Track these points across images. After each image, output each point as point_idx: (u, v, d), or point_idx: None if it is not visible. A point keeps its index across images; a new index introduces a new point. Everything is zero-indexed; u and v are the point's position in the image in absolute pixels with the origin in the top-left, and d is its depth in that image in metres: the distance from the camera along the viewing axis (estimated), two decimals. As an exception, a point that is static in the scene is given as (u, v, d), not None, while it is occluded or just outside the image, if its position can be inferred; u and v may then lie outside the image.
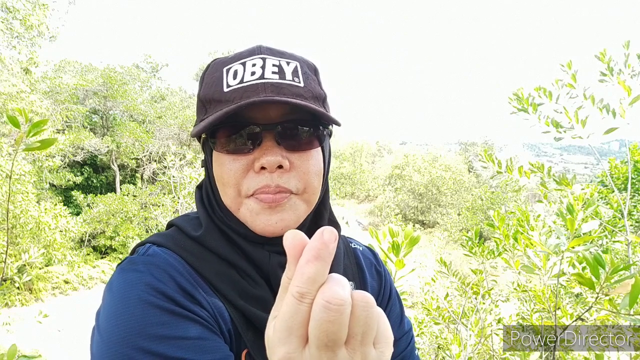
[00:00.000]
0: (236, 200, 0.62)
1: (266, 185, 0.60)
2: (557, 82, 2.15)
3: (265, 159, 0.59)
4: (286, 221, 0.62)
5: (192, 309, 0.55)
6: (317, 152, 0.65)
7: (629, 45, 2.02)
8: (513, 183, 2.22)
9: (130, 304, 0.52)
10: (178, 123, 20.90)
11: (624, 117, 1.95)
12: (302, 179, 0.62)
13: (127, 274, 0.56)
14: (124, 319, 0.51)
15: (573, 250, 1.50)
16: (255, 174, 0.60)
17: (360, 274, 0.77)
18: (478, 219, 19.88)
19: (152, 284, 0.54)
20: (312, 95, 0.63)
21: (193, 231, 0.65)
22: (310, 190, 0.64)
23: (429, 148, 42.81)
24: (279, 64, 0.62)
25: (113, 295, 0.54)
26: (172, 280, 0.56)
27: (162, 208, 11.20)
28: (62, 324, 9.99)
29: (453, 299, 3.00)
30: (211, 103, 0.63)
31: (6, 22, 12.23)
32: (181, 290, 0.56)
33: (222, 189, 0.63)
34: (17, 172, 8.35)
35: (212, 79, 0.64)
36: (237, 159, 0.61)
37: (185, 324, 0.52)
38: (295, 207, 0.63)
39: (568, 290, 2.30)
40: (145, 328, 0.50)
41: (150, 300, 0.52)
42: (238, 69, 0.62)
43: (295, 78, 0.62)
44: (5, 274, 3.63)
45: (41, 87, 16.93)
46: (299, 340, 0.32)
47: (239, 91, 0.59)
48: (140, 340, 0.49)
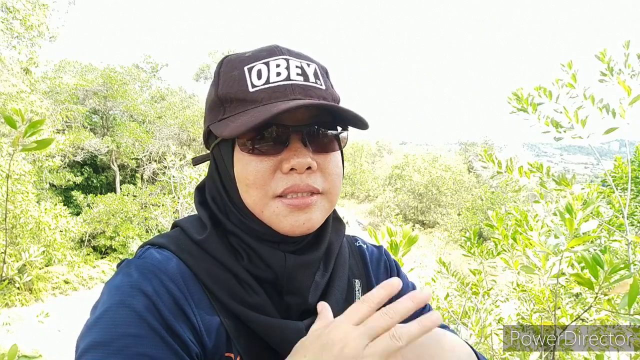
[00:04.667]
0: (262, 201, 0.61)
1: (295, 185, 0.60)
2: (557, 82, 2.15)
3: (296, 160, 0.59)
4: (313, 221, 0.62)
5: (172, 326, 0.54)
6: (338, 154, 0.66)
7: (629, 45, 2.02)
8: (513, 183, 2.22)
9: (112, 310, 0.53)
10: (178, 123, 20.90)
11: (624, 117, 1.95)
12: (327, 180, 0.63)
13: (118, 277, 0.58)
14: (100, 325, 0.52)
15: (572, 250, 1.50)
16: (284, 174, 0.60)
17: (366, 271, 0.77)
18: (478, 219, 19.88)
19: (140, 290, 0.55)
20: (332, 98, 0.65)
21: (197, 234, 0.65)
22: (334, 190, 0.65)
23: (429, 148, 42.86)
24: (301, 66, 0.62)
25: (102, 297, 0.57)
26: (162, 288, 0.56)
27: (162, 208, 11.21)
28: (62, 324, 9.99)
29: (453, 299, 3.00)
30: (233, 102, 0.62)
31: (6, 22, 12.24)
32: (169, 301, 0.55)
33: (246, 189, 0.62)
34: (17, 172, 8.35)
35: (231, 77, 0.63)
36: (265, 159, 0.60)
37: (154, 342, 0.52)
38: (322, 207, 0.63)
39: (568, 290, 2.30)
40: (114, 339, 0.51)
41: (131, 312, 0.53)
42: (262, 68, 0.61)
43: (317, 80, 0.63)
44: (6, 274, 3.63)
45: (41, 87, 16.92)
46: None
47: (267, 92, 0.59)
48: (106, 349, 0.50)
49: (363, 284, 0.74)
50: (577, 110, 2.06)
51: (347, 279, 0.71)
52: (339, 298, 0.67)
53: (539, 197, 2.08)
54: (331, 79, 0.70)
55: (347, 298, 0.69)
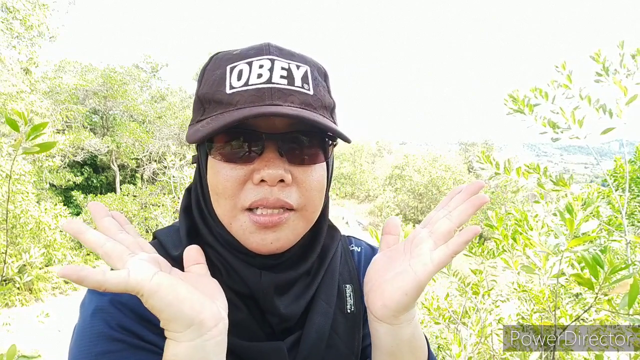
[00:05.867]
0: (230, 213, 0.57)
1: (264, 198, 0.55)
2: (552, 83, 2.15)
3: (267, 171, 0.54)
4: (282, 241, 0.58)
5: (146, 337, 0.56)
6: (321, 166, 0.61)
7: (623, 45, 2.02)
8: (512, 184, 2.21)
9: (85, 328, 0.56)
10: (178, 123, 20.87)
11: (621, 117, 1.95)
12: (304, 195, 0.58)
13: (92, 295, 0.59)
14: (78, 349, 0.55)
15: (572, 250, 1.50)
16: (254, 185, 0.56)
17: (358, 276, 0.75)
18: (478, 219, 19.87)
19: (108, 310, 0.56)
20: (321, 105, 0.59)
21: (174, 249, 0.62)
22: (310, 207, 0.60)
23: (429, 148, 42.82)
24: (288, 67, 0.57)
25: (80, 314, 0.59)
26: (132, 306, 0.57)
27: (162, 208, 11.20)
28: (62, 324, 9.98)
29: (453, 299, 3.00)
30: (210, 103, 0.58)
31: (6, 22, 12.22)
32: (139, 317, 0.57)
33: (216, 198, 0.59)
34: (17, 172, 8.35)
35: (213, 76, 0.59)
36: (235, 168, 0.56)
37: (133, 354, 0.54)
38: (294, 226, 0.59)
39: (568, 290, 2.30)
40: (91, 356, 0.53)
41: (101, 330, 0.55)
42: (243, 68, 0.56)
43: (304, 84, 0.57)
44: (6, 274, 3.63)
45: (41, 87, 16.90)
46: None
47: (243, 95, 0.55)
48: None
49: (355, 288, 0.72)
50: (574, 111, 2.06)
51: (337, 285, 0.69)
52: (326, 309, 0.64)
53: (539, 197, 2.08)
54: (330, 82, 0.65)
55: (338, 305, 0.68)
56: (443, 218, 0.57)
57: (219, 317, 0.50)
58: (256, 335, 0.60)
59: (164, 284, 0.46)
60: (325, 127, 0.55)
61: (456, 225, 0.55)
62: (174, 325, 0.47)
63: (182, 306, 0.46)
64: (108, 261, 0.48)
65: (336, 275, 0.69)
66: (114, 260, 0.47)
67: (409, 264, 0.56)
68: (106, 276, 0.43)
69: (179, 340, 0.47)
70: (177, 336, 0.47)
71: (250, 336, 0.59)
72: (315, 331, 0.62)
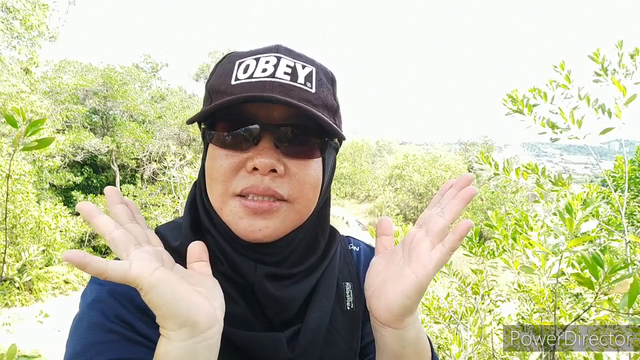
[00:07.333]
0: (222, 198, 0.59)
1: (254, 185, 0.56)
2: (551, 83, 2.15)
3: (259, 160, 0.55)
4: (271, 229, 0.58)
5: (141, 330, 0.57)
6: (316, 162, 0.61)
7: (622, 45, 2.02)
8: (512, 184, 2.22)
9: (83, 318, 0.56)
10: (178, 123, 20.88)
11: (620, 117, 1.95)
12: (296, 187, 0.59)
13: (94, 285, 0.60)
14: (74, 338, 0.55)
15: (572, 250, 1.50)
16: (247, 173, 0.57)
17: (357, 274, 0.76)
18: (478, 219, 19.87)
19: (106, 301, 0.57)
20: (323, 104, 0.60)
21: (173, 241, 0.63)
22: (303, 201, 0.60)
23: (429, 148, 42.85)
24: (293, 66, 0.59)
25: (80, 304, 0.59)
26: (131, 298, 0.57)
27: (162, 208, 11.19)
28: (62, 324, 9.98)
29: (453, 298, 3.00)
30: (217, 94, 0.60)
31: (6, 22, 12.23)
32: (136, 308, 0.57)
33: (210, 183, 0.60)
34: (17, 172, 8.35)
35: (223, 70, 0.62)
36: (231, 155, 0.58)
37: (127, 346, 0.54)
38: (284, 217, 0.59)
39: (567, 290, 2.30)
40: (87, 348, 0.53)
41: (98, 320, 0.56)
42: (250, 63, 0.59)
43: (307, 83, 0.59)
44: (6, 274, 3.63)
45: (41, 87, 16.92)
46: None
47: (245, 86, 0.56)
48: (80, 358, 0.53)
49: (355, 286, 0.73)
50: (573, 111, 2.06)
51: (337, 283, 0.70)
52: (325, 304, 0.65)
53: (539, 197, 2.08)
54: (336, 87, 0.66)
55: (337, 302, 0.69)
56: (436, 216, 0.58)
57: (215, 319, 0.50)
58: (253, 328, 0.60)
59: (163, 281, 0.46)
60: (318, 120, 0.56)
61: (449, 221, 0.56)
62: (168, 324, 0.47)
63: (178, 305, 0.46)
64: (114, 249, 0.48)
65: (336, 273, 0.70)
66: (119, 249, 0.48)
67: (408, 267, 0.56)
68: (108, 265, 0.43)
69: (171, 339, 0.47)
70: (170, 335, 0.47)
71: (248, 329, 0.60)
72: (314, 324, 0.63)
